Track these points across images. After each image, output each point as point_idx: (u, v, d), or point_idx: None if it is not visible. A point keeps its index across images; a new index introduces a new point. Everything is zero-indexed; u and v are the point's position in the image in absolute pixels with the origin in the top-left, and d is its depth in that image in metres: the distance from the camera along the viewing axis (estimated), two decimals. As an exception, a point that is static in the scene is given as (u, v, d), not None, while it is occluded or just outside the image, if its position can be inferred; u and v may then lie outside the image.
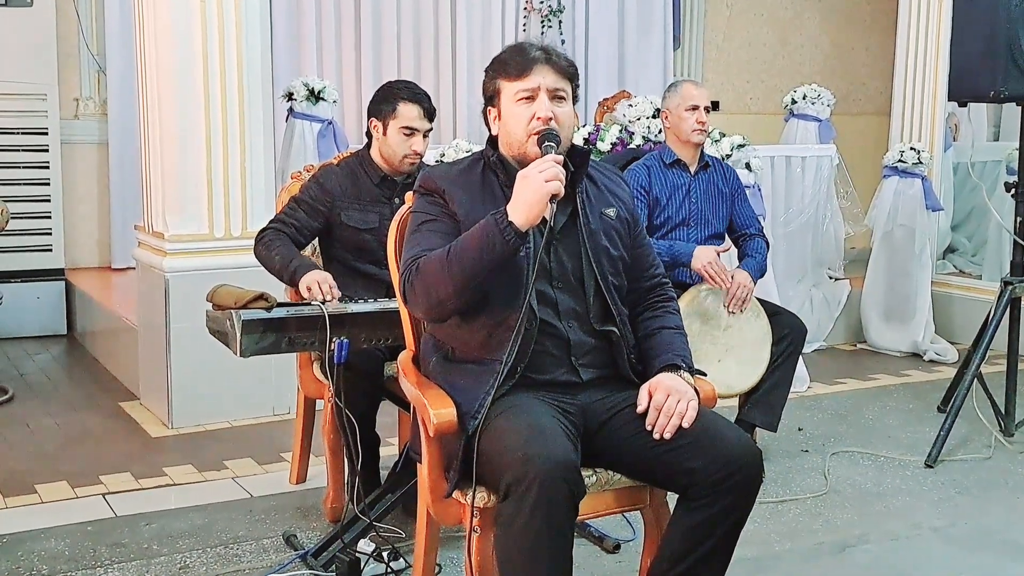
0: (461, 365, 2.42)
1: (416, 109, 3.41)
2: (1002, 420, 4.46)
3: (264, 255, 3.37)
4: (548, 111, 2.40)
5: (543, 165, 2.27)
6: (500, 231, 2.24)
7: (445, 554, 3.05)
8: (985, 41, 4.12)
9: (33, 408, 4.79)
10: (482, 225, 2.28)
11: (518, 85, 2.43)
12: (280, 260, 3.30)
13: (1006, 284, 4.42)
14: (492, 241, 2.25)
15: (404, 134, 3.42)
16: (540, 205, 2.25)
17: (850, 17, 8.91)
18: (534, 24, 7.44)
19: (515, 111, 2.44)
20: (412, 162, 3.45)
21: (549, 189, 2.24)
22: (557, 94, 2.44)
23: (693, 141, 3.98)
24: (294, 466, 3.81)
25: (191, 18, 4.33)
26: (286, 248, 3.34)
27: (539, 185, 2.24)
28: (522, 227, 2.25)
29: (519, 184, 2.28)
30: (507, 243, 2.25)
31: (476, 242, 2.27)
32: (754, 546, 3.27)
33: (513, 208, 2.26)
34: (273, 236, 3.38)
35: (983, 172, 6.74)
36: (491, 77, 2.50)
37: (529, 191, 2.25)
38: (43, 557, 3.19)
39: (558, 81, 2.44)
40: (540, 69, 2.42)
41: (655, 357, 2.48)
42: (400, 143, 3.42)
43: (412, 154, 3.43)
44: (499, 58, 2.51)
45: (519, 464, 2.11)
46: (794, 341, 3.95)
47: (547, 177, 2.24)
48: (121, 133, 6.45)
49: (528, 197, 2.25)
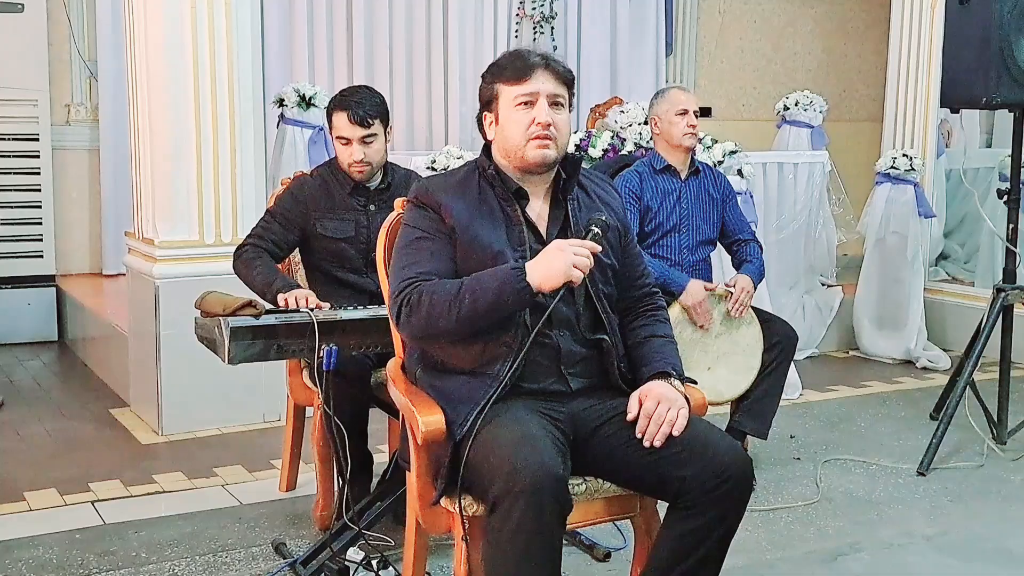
0: (450, 375, 2.41)
1: (343, 117, 3.31)
2: (995, 428, 4.45)
3: (244, 273, 3.32)
4: (548, 116, 2.40)
5: (581, 249, 2.31)
6: (516, 290, 2.28)
7: (434, 562, 3.05)
8: (978, 48, 4.13)
9: (23, 415, 4.77)
10: (499, 276, 2.31)
11: (517, 90, 2.43)
12: (261, 280, 3.24)
13: (998, 291, 4.42)
14: (506, 296, 2.29)
15: (341, 144, 3.36)
16: (558, 281, 2.29)
17: (843, 24, 8.92)
18: (526, 30, 7.42)
19: (514, 116, 2.43)
20: (359, 171, 3.36)
21: (573, 275, 2.29)
22: (556, 100, 2.44)
23: (685, 145, 3.97)
24: (284, 474, 3.80)
25: (182, 24, 4.32)
26: (266, 267, 3.29)
27: (567, 265, 2.28)
28: (536, 290, 2.29)
29: (551, 251, 2.31)
30: (521, 301, 2.30)
31: (490, 292, 2.30)
32: (745, 554, 3.26)
33: (534, 271, 2.29)
34: (253, 254, 3.33)
35: (975, 179, 6.75)
36: (489, 82, 2.49)
37: (557, 264, 2.29)
38: (31, 565, 3.17)
39: (557, 87, 2.44)
40: (540, 75, 2.42)
41: (645, 365, 2.48)
42: (341, 153, 3.37)
43: (354, 163, 3.34)
44: (497, 63, 2.50)
45: (507, 476, 2.10)
46: (785, 348, 3.95)
47: (578, 264, 2.28)
48: (112, 139, 6.42)
49: (553, 269, 2.29)
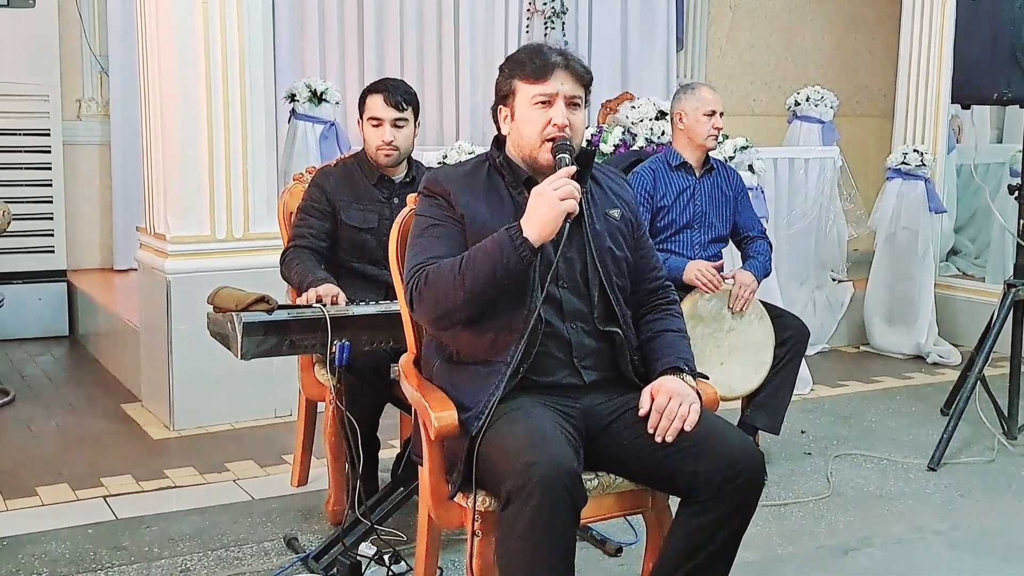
0: (465, 367, 2.41)
1: (379, 99, 3.40)
2: (1005, 423, 4.45)
3: (287, 275, 3.38)
4: (564, 118, 2.39)
5: (558, 182, 2.26)
6: (515, 247, 2.24)
7: (446, 557, 3.05)
8: (989, 43, 4.12)
9: (34, 410, 4.79)
10: (496, 239, 2.27)
11: (536, 89, 2.41)
12: (298, 279, 3.28)
13: (1009, 286, 4.41)
14: (506, 257, 2.25)
15: (372, 125, 3.42)
16: (555, 223, 2.24)
17: (853, 19, 8.90)
18: (537, 26, 7.42)
19: (530, 114, 2.42)
20: (387, 154, 3.42)
21: (564, 208, 2.23)
22: (573, 101, 2.42)
23: (708, 146, 3.97)
24: (295, 469, 3.80)
25: (193, 19, 4.32)
26: (303, 265, 3.32)
27: (554, 204, 2.23)
28: (536, 243, 2.25)
29: (534, 200, 2.26)
30: (521, 259, 2.25)
31: (489, 256, 2.26)
32: (756, 549, 3.26)
33: (528, 224, 2.25)
34: (293, 255, 3.38)
35: (986, 174, 6.74)
36: (507, 76, 2.47)
37: (544, 208, 2.24)
38: (44, 560, 3.18)
39: (575, 88, 2.43)
40: (559, 75, 2.40)
41: (657, 360, 2.48)
42: (371, 135, 3.43)
43: (383, 145, 3.41)
44: (516, 58, 2.47)
45: (521, 471, 2.10)
46: (797, 344, 3.94)
47: (562, 196, 2.23)
48: (123, 134, 6.44)
49: (543, 214, 2.24)
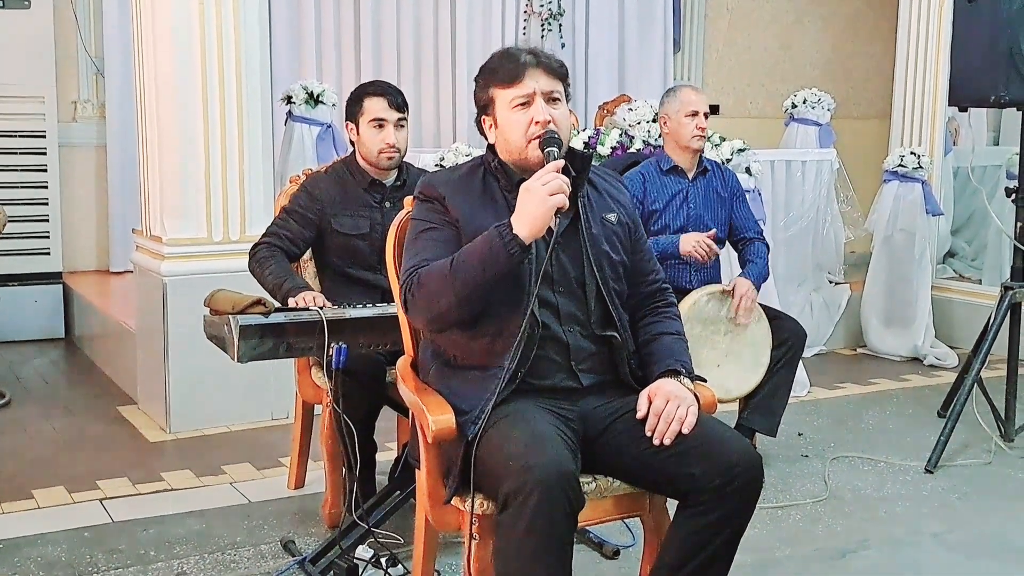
0: (462, 371, 2.41)
1: (381, 101, 3.42)
2: (1002, 425, 4.45)
3: (257, 273, 3.35)
4: (546, 114, 2.39)
5: (546, 177, 2.24)
6: (504, 244, 2.23)
7: (444, 560, 3.04)
8: (986, 46, 4.12)
9: (30, 412, 4.77)
10: (486, 237, 2.26)
11: (512, 92, 2.41)
12: (272, 280, 3.26)
13: (1006, 289, 4.41)
14: (496, 254, 2.24)
15: (374, 127, 3.43)
16: (545, 219, 2.23)
17: (851, 21, 8.90)
18: (534, 28, 7.42)
19: (512, 118, 2.42)
20: (389, 156, 3.43)
21: (554, 203, 2.22)
22: (551, 96, 2.42)
23: (693, 147, 3.97)
24: (292, 471, 3.80)
25: (190, 21, 4.32)
26: (279, 267, 3.31)
27: (543, 199, 2.22)
28: (526, 240, 2.23)
29: (523, 196, 2.25)
30: (511, 256, 2.24)
31: (480, 254, 2.26)
32: (754, 552, 3.25)
33: (517, 221, 2.24)
34: (267, 253, 3.35)
35: (983, 177, 6.73)
36: (483, 87, 2.48)
37: (533, 204, 2.22)
38: (40, 563, 3.17)
39: (551, 83, 2.43)
40: (532, 73, 2.41)
41: (655, 363, 2.47)
42: (372, 137, 3.43)
43: (386, 147, 3.42)
44: (488, 67, 2.48)
45: (518, 474, 2.09)
46: (794, 346, 3.94)
47: (551, 190, 2.22)
48: (119, 136, 6.42)
49: (532, 210, 2.22)
